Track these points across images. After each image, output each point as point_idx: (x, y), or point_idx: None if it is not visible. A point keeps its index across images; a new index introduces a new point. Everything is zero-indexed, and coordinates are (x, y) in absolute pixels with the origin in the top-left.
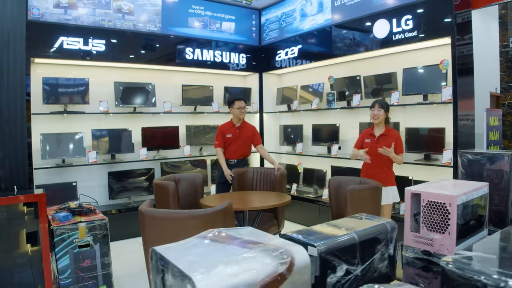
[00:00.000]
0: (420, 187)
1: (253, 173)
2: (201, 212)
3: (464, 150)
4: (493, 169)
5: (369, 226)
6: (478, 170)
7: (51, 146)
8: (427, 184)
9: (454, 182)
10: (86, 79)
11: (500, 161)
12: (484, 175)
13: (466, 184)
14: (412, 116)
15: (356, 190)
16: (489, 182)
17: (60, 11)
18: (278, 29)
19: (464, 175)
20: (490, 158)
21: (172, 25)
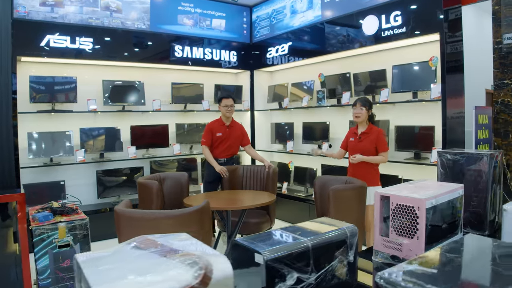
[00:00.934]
0: (389, 190)
1: (243, 170)
2: (176, 212)
3: (443, 149)
4: (472, 170)
5: (326, 232)
6: (457, 171)
7: (38, 145)
8: (399, 186)
9: (429, 183)
10: (74, 77)
11: (479, 162)
12: (464, 176)
13: (440, 186)
14: (402, 114)
15: (339, 190)
16: (468, 183)
17: (46, 9)
18: (269, 26)
19: (444, 175)
20: (469, 159)
21: (161, 23)
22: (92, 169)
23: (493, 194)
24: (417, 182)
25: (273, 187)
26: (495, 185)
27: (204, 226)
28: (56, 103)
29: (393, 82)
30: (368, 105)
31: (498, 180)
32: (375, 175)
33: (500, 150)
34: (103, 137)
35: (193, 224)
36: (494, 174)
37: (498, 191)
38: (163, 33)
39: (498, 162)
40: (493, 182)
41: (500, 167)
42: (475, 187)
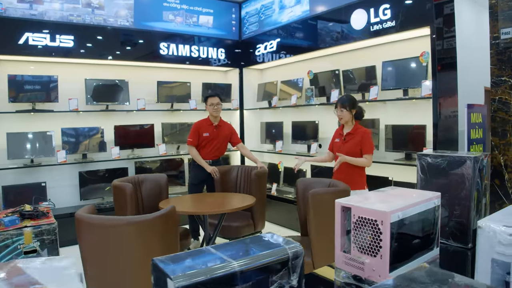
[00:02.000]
0: (352, 200)
1: (237, 172)
2: (137, 218)
3: (423, 152)
4: (455, 175)
5: (262, 252)
6: (438, 176)
7: (18, 145)
8: (366, 194)
9: (403, 192)
10: (55, 76)
11: (462, 166)
12: (445, 182)
13: (413, 195)
14: (393, 113)
15: (318, 193)
16: (450, 190)
17: (24, 6)
18: (258, 22)
19: (424, 181)
20: (450, 162)
21: (146, 20)
22: (75, 170)
23: (477, 202)
24: (390, 190)
25: (259, 189)
26: (481, 191)
27: (170, 233)
28: (37, 103)
29: (383, 79)
30: (349, 104)
31: (484, 186)
32: (359, 178)
33: (486, 153)
34: (86, 137)
35: (157, 231)
36: (480, 180)
37: (484, 198)
38: (148, 30)
39: (484, 166)
40: (478, 189)
41: (487, 171)
42: (457, 194)
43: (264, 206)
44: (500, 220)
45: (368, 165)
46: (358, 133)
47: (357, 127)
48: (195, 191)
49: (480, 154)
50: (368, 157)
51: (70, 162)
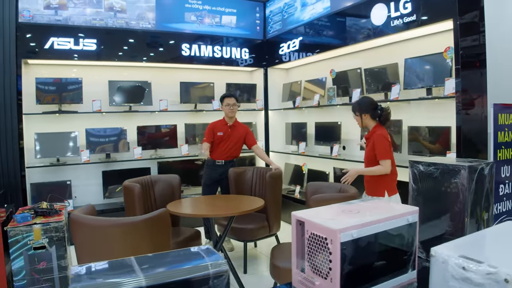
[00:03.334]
0: (308, 213)
1: (253, 173)
2: (124, 220)
3: (416, 159)
4: (448, 186)
5: (178, 267)
6: (431, 187)
7: (45, 145)
8: (329, 207)
9: (373, 204)
10: (79, 78)
11: (456, 176)
12: (438, 194)
13: (386, 209)
14: (417, 113)
15: (318, 200)
16: (444, 204)
17: (50, 12)
18: (281, 21)
19: (416, 192)
20: (444, 172)
21: (167, 21)
22: (99, 170)
23: (474, 218)
24: (365, 202)
25: (274, 191)
26: (479, 206)
27: (160, 236)
28: (63, 104)
29: (405, 77)
30: (358, 109)
31: (482, 200)
32: (376, 184)
33: (488, 161)
34: (109, 138)
35: (145, 233)
36: (481, 192)
37: (487, 213)
38: (170, 32)
39: (486, 175)
40: (475, 203)
41: (491, 181)
42: (451, 208)
43: (279, 208)
44: (460, 247)
45: (385, 171)
46: (373, 137)
47: (373, 130)
48: (208, 192)
49: (479, 163)
50: (383, 162)
51: (94, 162)
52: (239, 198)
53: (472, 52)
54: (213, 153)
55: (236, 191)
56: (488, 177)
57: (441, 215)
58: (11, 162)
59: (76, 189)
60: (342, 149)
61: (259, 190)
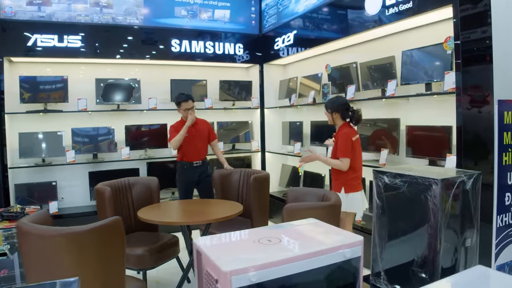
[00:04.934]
0: (212, 241)
1: (239, 175)
2: (71, 230)
3: (382, 168)
4: (416, 204)
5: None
6: (397, 204)
7: (29, 145)
8: (249, 233)
9: (310, 231)
10: (64, 76)
11: (426, 192)
12: (405, 213)
13: (317, 239)
14: (416, 111)
15: (292, 209)
16: (413, 226)
17: (33, 8)
18: (276, 14)
19: (380, 209)
20: (412, 185)
21: (156, 17)
22: (85, 170)
23: (452, 246)
24: (299, 227)
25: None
26: (458, 230)
27: (110, 245)
28: (49, 103)
29: (403, 71)
30: (329, 106)
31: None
32: (334, 180)
33: (471, 172)
34: (96, 137)
35: (94, 245)
36: (455, 213)
37: (469, 239)
38: (158, 28)
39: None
40: (452, 226)
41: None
42: (420, 233)
43: (267, 213)
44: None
45: (341, 167)
46: (338, 135)
47: (340, 128)
48: (186, 197)
49: (456, 175)
50: (342, 159)
51: (80, 162)
52: (218, 203)
53: (475, 42)
54: (186, 155)
55: (222, 194)
56: (472, 192)
57: (409, 241)
58: None
59: (62, 190)
60: None
61: (246, 193)
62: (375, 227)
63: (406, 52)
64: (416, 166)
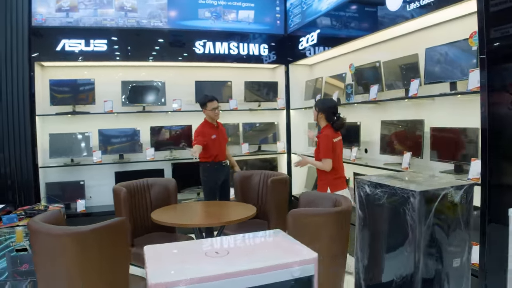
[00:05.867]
0: (158, 250)
1: (259, 178)
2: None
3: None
4: (396, 216)
5: None
6: (378, 217)
7: (59, 145)
8: (199, 243)
9: (273, 241)
10: (91, 79)
11: (404, 205)
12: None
13: (268, 254)
14: (442, 111)
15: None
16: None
17: (62, 14)
18: (301, 14)
19: (362, 222)
20: (391, 197)
21: (180, 19)
22: (112, 170)
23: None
24: (258, 238)
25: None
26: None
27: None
28: (77, 105)
29: (426, 70)
30: (319, 106)
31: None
32: (319, 180)
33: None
34: (122, 138)
35: (97, 245)
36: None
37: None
38: (183, 30)
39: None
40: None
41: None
42: (400, 251)
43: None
44: None
45: (324, 168)
46: (319, 137)
47: (322, 130)
48: (213, 197)
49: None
50: (324, 160)
51: (107, 162)
52: (233, 205)
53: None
54: (215, 156)
55: (242, 196)
56: (462, 206)
57: (389, 259)
58: (24, 162)
59: (90, 189)
60: (364, 152)
61: (266, 195)
62: (357, 240)
63: (430, 49)
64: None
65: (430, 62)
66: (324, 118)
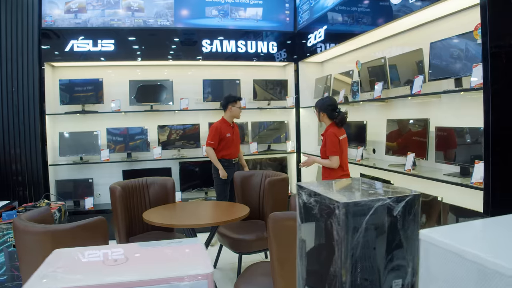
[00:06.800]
0: (59, 254)
1: (260, 178)
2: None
3: (304, 182)
4: (325, 230)
5: None
6: (312, 229)
7: (68, 144)
8: (100, 250)
9: (181, 249)
10: (99, 79)
11: (330, 218)
12: (318, 243)
13: (158, 267)
14: (448, 110)
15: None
16: (321, 261)
17: (70, 16)
18: (309, 10)
19: (299, 231)
20: (322, 208)
21: (187, 18)
22: (120, 169)
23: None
24: (157, 248)
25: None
26: (372, 272)
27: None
28: (86, 104)
29: (431, 66)
30: (318, 106)
31: (384, 261)
32: (329, 179)
33: (401, 195)
34: (130, 137)
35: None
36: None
37: (391, 282)
38: (190, 28)
39: (393, 220)
40: (363, 265)
41: (404, 230)
42: (325, 271)
43: None
44: None
45: (332, 166)
46: (325, 135)
47: (327, 128)
48: (225, 191)
49: (376, 198)
50: (331, 158)
51: (115, 161)
52: (227, 206)
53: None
54: (228, 154)
55: (242, 197)
56: (404, 220)
57: (320, 279)
58: (34, 160)
59: (99, 187)
60: (372, 153)
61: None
62: (297, 254)
63: (434, 43)
64: (359, 180)
65: (435, 57)
66: (326, 117)
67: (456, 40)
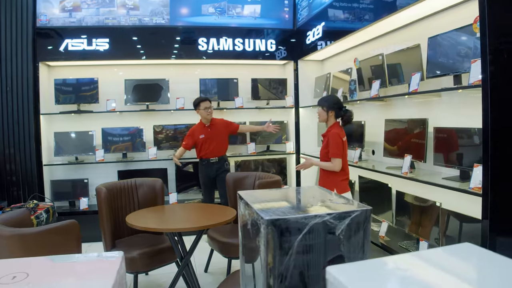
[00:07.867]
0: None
1: (254, 179)
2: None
3: (245, 191)
4: (255, 247)
5: None
6: (246, 240)
7: (63, 144)
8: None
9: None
10: (95, 78)
11: (257, 234)
12: (249, 254)
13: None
14: (449, 109)
15: None
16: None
17: (65, 15)
18: (308, 6)
19: (241, 244)
20: (252, 221)
21: (183, 16)
22: (115, 169)
23: None
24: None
25: None
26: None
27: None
28: (81, 104)
29: (429, 62)
30: (324, 103)
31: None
32: (327, 182)
33: (347, 210)
34: (125, 137)
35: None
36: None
37: None
38: (186, 26)
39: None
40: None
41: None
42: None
43: None
44: None
45: (333, 168)
46: (328, 135)
47: (330, 128)
48: (208, 191)
49: (312, 214)
50: (333, 160)
51: (109, 161)
52: (215, 209)
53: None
54: (203, 153)
55: (235, 199)
56: (347, 240)
57: None
58: (29, 160)
59: (95, 187)
60: (371, 154)
61: None
62: None
63: (432, 38)
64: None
65: (433, 53)
66: (333, 116)
67: (455, 34)
